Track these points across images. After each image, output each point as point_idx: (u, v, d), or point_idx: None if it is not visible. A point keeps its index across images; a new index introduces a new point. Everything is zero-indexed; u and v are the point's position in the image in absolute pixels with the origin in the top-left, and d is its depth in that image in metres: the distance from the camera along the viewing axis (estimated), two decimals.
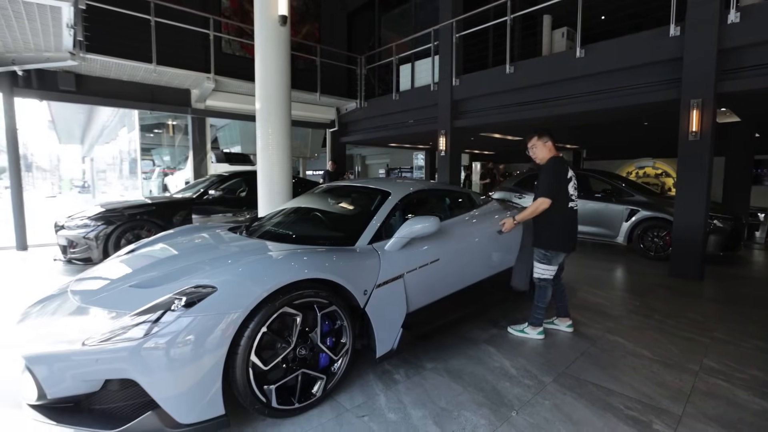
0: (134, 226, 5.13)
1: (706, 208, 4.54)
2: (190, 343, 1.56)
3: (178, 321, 1.58)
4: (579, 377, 2.35)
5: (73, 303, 1.88)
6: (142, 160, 11.91)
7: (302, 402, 1.92)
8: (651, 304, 3.72)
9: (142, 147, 15.41)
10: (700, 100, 4.39)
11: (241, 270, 1.85)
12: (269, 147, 5.00)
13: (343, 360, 2.10)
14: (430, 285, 2.57)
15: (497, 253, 3.17)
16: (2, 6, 4.03)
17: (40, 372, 1.57)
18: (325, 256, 2.10)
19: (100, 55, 5.72)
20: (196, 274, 1.88)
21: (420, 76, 8.01)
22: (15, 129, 6.06)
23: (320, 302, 1.98)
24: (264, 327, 1.76)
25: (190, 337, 1.57)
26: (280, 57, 4.95)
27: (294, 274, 1.85)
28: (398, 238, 2.35)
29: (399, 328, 2.31)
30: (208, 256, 2.19)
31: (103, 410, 1.62)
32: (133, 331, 1.57)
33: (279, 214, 3.17)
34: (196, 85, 7.47)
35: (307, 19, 9.33)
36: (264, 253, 2.10)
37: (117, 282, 2.02)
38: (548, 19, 7.13)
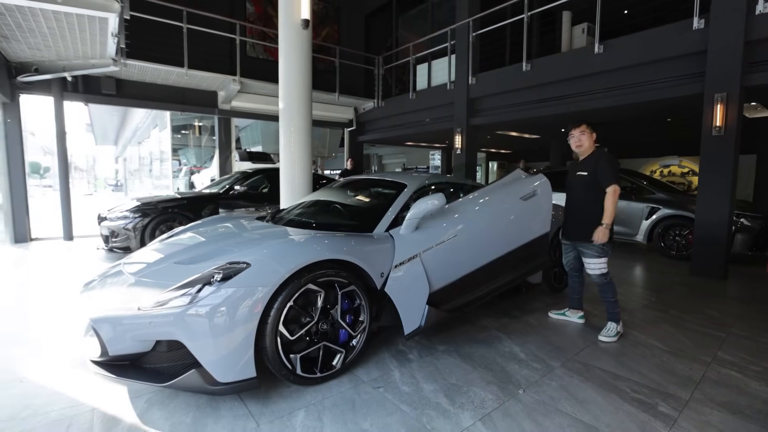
0: (167, 218, 5.49)
1: (730, 205, 4.47)
2: (226, 312, 1.77)
3: (216, 292, 1.79)
4: (587, 363, 2.43)
5: (128, 277, 2.13)
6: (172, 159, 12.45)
7: (323, 372, 2.11)
8: (668, 301, 3.72)
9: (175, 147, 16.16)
10: (725, 93, 4.33)
11: (270, 250, 2.05)
12: (291, 144, 5.24)
13: (361, 336, 2.28)
14: (452, 261, 2.57)
15: (524, 221, 2.99)
16: (58, 19, 4.42)
17: (104, 332, 1.82)
18: (344, 240, 2.28)
19: (138, 61, 6.13)
20: (231, 253, 2.09)
21: (436, 75, 8.12)
22: (64, 131, 6.57)
23: (340, 281, 2.15)
24: (290, 301, 1.95)
25: (226, 306, 1.77)
26: (302, 59, 5.18)
27: (316, 255, 2.04)
28: (409, 220, 2.45)
29: (424, 306, 2.37)
30: (239, 240, 2.42)
31: (154, 368, 1.85)
32: (179, 299, 1.79)
33: (300, 205, 3.39)
34: (222, 87, 7.83)
35: (327, 21, 9.60)
36: (288, 237, 2.30)
37: (162, 261, 2.26)
38: (568, 15, 7.11)
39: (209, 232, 2.79)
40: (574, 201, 2.92)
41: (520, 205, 2.97)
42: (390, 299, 2.32)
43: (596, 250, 2.77)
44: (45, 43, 5.14)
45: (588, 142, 2.83)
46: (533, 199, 2.99)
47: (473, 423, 1.81)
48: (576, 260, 3.03)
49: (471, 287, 2.69)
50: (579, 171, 2.87)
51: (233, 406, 1.91)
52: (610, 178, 2.68)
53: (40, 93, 6.26)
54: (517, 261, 2.95)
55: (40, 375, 2.20)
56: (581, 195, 2.85)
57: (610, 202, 2.68)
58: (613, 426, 1.80)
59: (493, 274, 2.81)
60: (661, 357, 2.53)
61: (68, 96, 6.43)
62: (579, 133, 2.84)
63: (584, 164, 2.84)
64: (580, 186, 2.85)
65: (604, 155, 2.78)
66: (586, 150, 2.85)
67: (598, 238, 2.70)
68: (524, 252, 2.96)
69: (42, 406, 1.91)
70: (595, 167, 2.74)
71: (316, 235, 2.30)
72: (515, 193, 2.96)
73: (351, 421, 1.81)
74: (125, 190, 22.83)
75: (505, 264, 2.86)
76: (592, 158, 2.81)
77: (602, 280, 2.82)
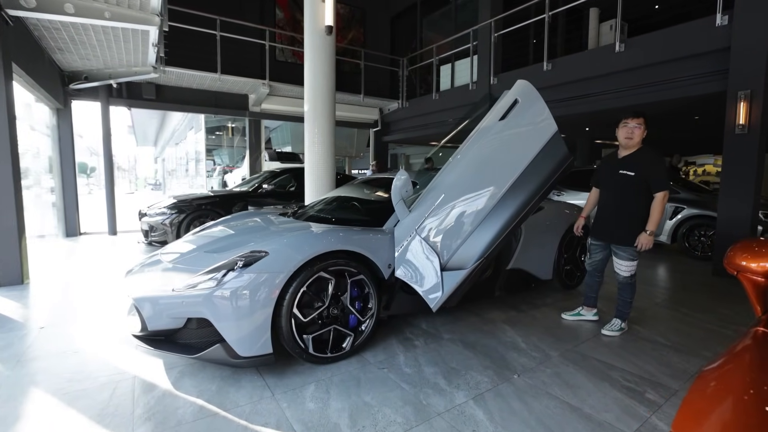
0: (201, 215, 5.91)
1: (754, 204, 4.36)
2: (247, 294, 2.02)
3: (239, 277, 2.05)
4: (585, 354, 2.53)
5: (164, 264, 2.44)
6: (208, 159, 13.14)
7: (334, 353, 2.33)
8: (681, 299, 3.71)
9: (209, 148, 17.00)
10: (749, 91, 4.23)
11: (286, 241, 2.30)
12: (315, 145, 5.53)
13: (369, 322, 2.48)
14: (453, 223, 2.41)
15: (516, 139, 2.45)
16: (106, 32, 4.90)
17: (145, 310, 2.12)
18: (354, 233, 2.49)
19: (176, 68, 6.62)
20: (253, 243, 2.35)
21: (459, 75, 8.21)
22: (110, 134, 7.18)
23: (350, 271, 2.37)
24: (304, 287, 2.18)
25: (248, 290, 2.03)
26: (326, 63, 5.45)
27: (327, 245, 2.26)
28: (395, 206, 2.53)
29: (438, 274, 2.36)
30: (261, 232, 2.68)
31: (185, 343, 2.13)
32: (207, 282, 2.06)
33: (320, 202, 3.64)
34: (252, 91, 8.26)
35: (353, 24, 9.86)
36: (305, 230, 2.53)
37: (194, 250, 2.56)
38: (595, 12, 7.03)
39: (236, 225, 3.08)
40: (612, 201, 2.78)
41: (500, 127, 2.45)
42: (400, 289, 2.51)
43: (632, 253, 2.71)
44: (93, 54, 5.68)
45: (639, 138, 2.66)
46: (517, 109, 2.43)
47: (466, 401, 1.97)
48: (603, 261, 2.96)
49: (488, 230, 2.40)
50: (623, 169, 2.68)
51: (252, 378, 2.17)
52: (663, 184, 2.56)
53: (89, 99, 6.88)
54: (529, 176, 2.42)
55: (92, 347, 2.55)
56: (622, 195, 2.70)
57: (658, 209, 2.56)
58: (598, 408, 1.92)
59: (508, 206, 2.41)
60: (661, 351, 2.59)
61: (113, 101, 7.02)
62: (635, 125, 2.64)
63: (629, 162, 2.67)
64: (623, 185, 2.68)
65: (657, 157, 2.63)
66: (634, 146, 2.69)
67: (642, 246, 2.61)
68: (535, 167, 2.41)
69: (93, 372, 2.24)
70: (647, 169, 2.59)
71: (329, 229, 2.53)
72: (492, 119, 2.50)
73: (355, 394, 2.02)
74: (163, 189, 24.11)
75: (516, 189, 2.41)
76: (640, 158, 2.65)
77: (628, 280, 2.78)
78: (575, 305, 3.42)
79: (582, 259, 4.02)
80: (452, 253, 2.43)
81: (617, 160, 2.79)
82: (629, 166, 2.69)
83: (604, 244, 2.91)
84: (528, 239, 3.35)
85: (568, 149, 2.39)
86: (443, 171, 2.57)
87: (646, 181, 2.62)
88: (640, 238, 2.62)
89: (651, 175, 2.60)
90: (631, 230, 2.69)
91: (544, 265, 3.61)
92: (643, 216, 2.66)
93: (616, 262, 2.83)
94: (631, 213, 2.70)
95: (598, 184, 2.99)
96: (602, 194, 2.93)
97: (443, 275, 2.38)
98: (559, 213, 3.83)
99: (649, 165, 2.62)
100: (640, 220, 2.67)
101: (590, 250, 3.02)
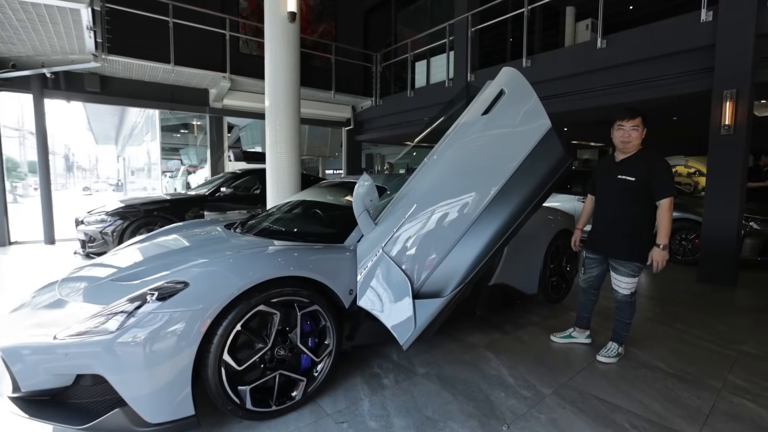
0: (149, 222, 5.27)
1: (740, 208, 4.19)
2: (155, 340, 1.52)
3: (148, 317, 1.55)
4: (582, 390, 2.17)
5: (56, 295, 1.90)
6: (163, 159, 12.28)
7: (280, 404, 1.85)
8: (673, 312, 3.44)
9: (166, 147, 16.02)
10: (735, 90, 4.04)
11: (214, 268, 1.80)
12: (278, 144, 5.01)
13: (326, 362, 2.02)
14: (428, 239, 1.98)
15: (503, 137, 2.01)
16: (26, 10, 4.20)
17: (14, 364, 1.58)
18: (308, 252, 2.03)
19: (121, 57, 5.90)
20: (173, 270, 1.85)
21: (436, 72, 7.85)
22: (45, 130, 6.36)
23: (301, 301, 1.90)
24: (238, 325, 1.70)
25: (160, 333, 1.53)
26: (288, 54, 4.94)
27: (268, 272, 1.79)
28: (357, 218, 2.10)
29: (410, 303, 1.91)
30: (186, 254, 2.17)
31: (77, 405, 1.61)
32: (104, 325, 1.55)
33: (274, 211, 3.14)
34: (213, 85, 7.61)
35: (324, 17, 9.33)
36: (242, 251, 2.03)
37: (101, 276, 2.02)
38: (571, 10, 6.82)
39: (167, 242, 2.55)
40: (610, 209, 2.45)
41: (483, 123, 2.01)
42: (366, 315, 2.07)
43: (633, 268, 2.38)
44: (18, 37, 4.93)
45: (638, 140, 2.35)
46: (503, 102, 2.02)
47: None
48: (600, 278, 2.62)
49: (471, 248, 1.95)
50: (622, 174, 2.36)
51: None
52: (669, 189, 2.25)
53: (19, 90, 6.05)
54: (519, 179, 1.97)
55: None
56: (622, 203, 2.38)
57: (666, 218, 2.24)
58: None
59: (494, 218, 1.96)
60: (665, 382, 2.26)
61: (49, 93, 6.21)
62: (632, 128, 2.32)
63: (629, 166, 2.35)
64: (622, 192, 2.37)
65: (660, 159, 2.32)
66: (632, 148, 2.37)
67: (658, 263, 2.26)
68: (526, 171, 1.96)
69: None
70: (649, 173, 2.27)
71: (276, 249, 2.05)
72: (474, 114, 2.06)
73: None
74: (125, 190, 22.76)
75: (503, 198, 1.97)
76: (641, 161, 2.34)
77: (628, 299, 2.46)
78: (564, 323, 3.10)
79: (567, 269, 3.71)
80: (427, 275, 2.00)
81: (615, 164, 2.44)
82: (629, 170, 2.35)
83: (601, 258, 2.56)
84: (511, 251, 2.96)
85: (565, 149, 2.01)
86: (416, 175, 2.14)
87: (648, 186, 2.29)
88: (653, 255, 2.27)
89: (654, 180, 2.26)
90: (632, 243, 2.36)
91: (530, 279, 3.25)
92: (645, 226, 2.34)
93: (614, 278, 2.48)
94: (632, 223, 2.36)
95: (594, 191, 2.65)
96: (599, 202, 2.58)
97: (416, 304, 1.94)
98: (544, 220, 3.49)
99: (651, 168, 2.28)
100: (642, 231, 2.35)
101: (585, 264, 2.67)
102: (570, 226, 3.67)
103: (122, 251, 2.55)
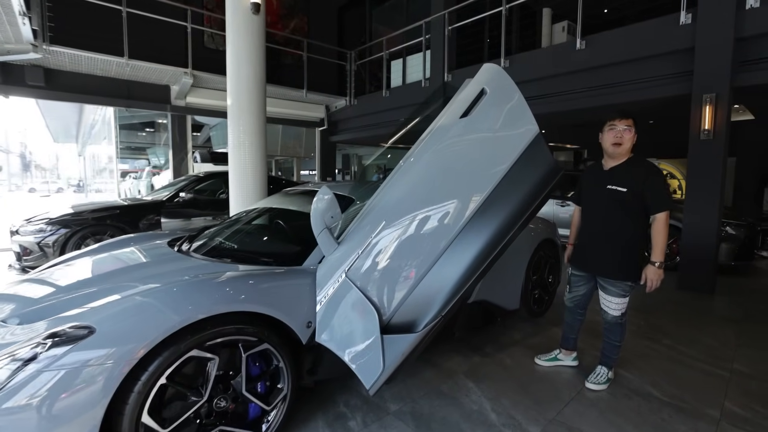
0: (96, 231, 4.76)
1: (719, 213, 4.12)
2: (52, 404, 1.17)
3: (39, 377, 1.19)
4: (572, 426, 1.94)
5: None
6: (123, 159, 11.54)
7: None
8: (658, 325, 3.30)
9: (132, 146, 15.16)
10: (714, 94, 3.96)
11: (133, 304, 1.45)
12: (241, 146, 4.62)
13: (280, 408, 1.71)
14: (399, 262, 1.70)
15: (483, 144, 1.74)
16: None
17: None
18: (256, 281, 1.71)
19: (65, 48, 5.35)
20: (82, 308, 1.48)
21: (412, 71, 7.61)
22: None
23: (246, 340, 1.58)
24: (162, 378, 1.36)
25: (54, 396, 1.18)
26: (252, 48, 4.56)
27: (203, 308, 1.45)
28: (317, 238, 1.79)
29: (377, 340, 1.63)
30: (116, 280, 1.80)
31: None
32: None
33: (229, 223, 2.78)
34: (175, 81, 7.09)
35: (296, 12, 8.93)
36: (176, 279, 1.69)
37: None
38: (548, 12, 6.71)
39: (88, 264, 2.15)
40: (598, 222, 2.23)
41: (462, 127, 1.74)
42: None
43: (624, 288, 2.17)
44: None
45: (629, 143, 2.13)
46: (484, 103, 1.72)
47: None
48: (587, 296, 2.40)
49: (450, 271, 1.69)
50: (612, 184, 2.13)
51: None
52: (665, 202, 2.04)
53: None
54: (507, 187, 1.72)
55: None
56: (611, 215, 2.15)
57: (662, 234, 2.03)
58: None
59: (475, 237, 1.70)
60: (660, 413, 2.06)
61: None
62: (624, 128, 2.11)
63: (620, 176, 2.13)
64: (612, 203, 2.14)
65: (655, 170, 2.11)
66: (623, 154, 2.15)
67: (652, 283, 2.06)
68: (511, 183, 1.71)
69: None
70: (643, 184, 2.05)
71: (216, 276, 1.70)
72: (451, 116, 1.78)
73: None
74: (85, 191, 21.48)
75: (486, 213, 1.71)
76: (632, 169, 2.12)
77: (618, 320, 2.24)
78: (547, 340, 2.89)
79: (550, 280, 3.52)
80: (398, 305, 1.71)
81: (604, 173, 2.22)
82: (619, 179, 2.13)
83: (588, 276, 2.34)
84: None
85: (554, 159, 1.76)
86: (386, 186, 1.85)
87: (640, 198, 2.08)
88: (648, 273, 2.06)
89: (648, 192, 2.05)
90: (622, 260, 2.15)
91: (511, 294, 3.03)
92: (637, 242, 2.13)
93: (603, 298, 2.27)
94: (622, 238, 2.14)
95: (580, 202, 2.43)
96: (586, 214, 2.35)
97: (384, 341, 1.64)
98: (525, 230, 3.26)
99: (644, 178, 2.06)
100: (634, 246, 2.14)
101: (571, 282, 2.45)
102: (552, 235, 3.48)
103: (40, 274, 2.15)
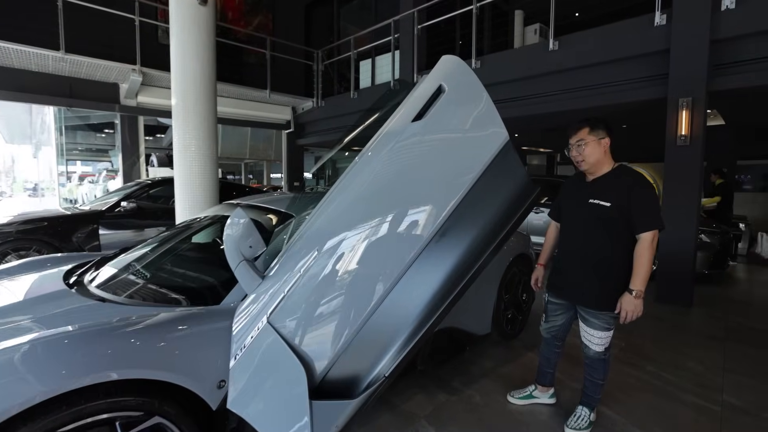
0: (20, 247, 4.17)
1: (696, 221, 3.97)
2: None
3: None
4: None
5: None
6: (71, 161, 10.72)
7: None
8: (639, 347, 3.05)
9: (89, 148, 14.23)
10: (690, 98, 3.80)
11: None
12: (188, 150, 4.14)
13: None
14: (336, 302, 1.36)
15: (444, 148, 1.43)
16: None
17: None
18: (148, 334, 1.29)
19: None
20: None
21: (381, 71, 7.29)
22: None
23: (127, 416, 1.17)
24: None
25: None
26: (200, 43, 4.10)
27: (66, 380, 1.04)
28: (235, 272, 1.42)
29: (305, 404, 1.28)
30: None
31: None
32: None
33: (153, 242, 2.33)
34: (124, 79, 6.49)
35: (260, 8, 8.45)
36: (34, 336, 1.25)
37: None
38: (520, 15, 6.54)
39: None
40: (578, 241, 1.92)
41: (414, 132, 1.40)
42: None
43: (607, 320, 1.86)
44: None
45: (597, 155, 1.82)
46: (442, 103, 1.40)
47: None
48: (565, 327, 2.09)
49: (402, 313, 1.39)
50: (594, 198, 1.83)
51: None
52: (654, 220, 1.72)
53: None
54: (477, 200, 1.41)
55: None
56: (593, 235, 1.85)
57: (646, 257, 1.71)
58: None
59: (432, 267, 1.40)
60: None
61: None
62: (577, 142, 1.84)
63: (602, 188, 1.83)
64: (594, 221, 1.83)
65: (642, 181, 1.78)
66: (600, 166, 1.85)
67: (628, 314, 1.73)
68: (476, 201, 1.41)
69: None
70: (627, 198, 1.75)
71: (92, 328, 1.28)
72: (402, 120, 1.45)
73: None
74: (38, 196, 20.09)
75: (447, 237, 1.40)
76: (617, 181, 1.81)
77: (601, 356, 1.93)
78: (521, 369, 2.60)
79: (524, 298, 3.23)
80: (333, 358, 1.34)
81: (585, 185, 1.92)
82: (602, 193, 1.82)
83: (567, 304, 2.03)
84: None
85: (527, 173, 1.44)
86: (321, 207, 1.47)
87: (627, 214, 1.77)
88: (623, 303, 1.75)
89: (634, 207, 1.74)
90: (605, 286, 1.84)
91: (482, 318, 2.72)
92: (623, 265, 1.81)
93: (584, 330, 1.95)
94: (605, 262, 1.84)
95: (559, 218, 2.12)
96: (564, 232, 2.04)
97: (314, 408, 1.27)
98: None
99: (630, 192, 1.75)
100: (619, 271, 1.81)
101: (547, 311, 2.13)
102: (526, 248, 3.20)
103: None
